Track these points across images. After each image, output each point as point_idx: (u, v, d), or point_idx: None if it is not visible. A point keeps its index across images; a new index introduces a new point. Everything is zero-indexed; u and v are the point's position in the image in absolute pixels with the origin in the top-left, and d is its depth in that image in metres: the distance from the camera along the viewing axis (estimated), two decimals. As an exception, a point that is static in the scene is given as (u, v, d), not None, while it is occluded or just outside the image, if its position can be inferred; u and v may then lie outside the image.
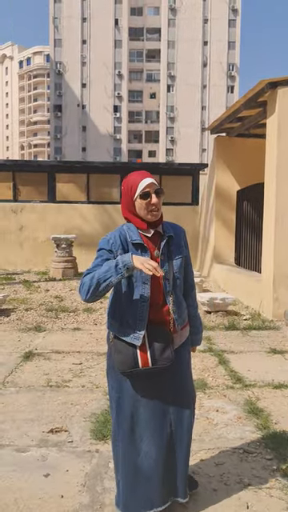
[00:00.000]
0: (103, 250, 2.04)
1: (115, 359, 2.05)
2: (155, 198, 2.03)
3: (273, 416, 3.35)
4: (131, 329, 2.02)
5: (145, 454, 2.08)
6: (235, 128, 8.99)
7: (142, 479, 2.08)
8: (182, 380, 2.16)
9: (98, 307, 7.05)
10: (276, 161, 6.30)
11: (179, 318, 2.11)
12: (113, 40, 58.15)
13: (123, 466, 2.11)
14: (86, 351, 4.94)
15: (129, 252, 2.01)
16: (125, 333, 2.03)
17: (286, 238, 6.32)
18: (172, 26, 57.87)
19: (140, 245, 2.04)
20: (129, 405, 2.08)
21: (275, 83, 6.28)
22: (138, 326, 2.01)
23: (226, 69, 58.37)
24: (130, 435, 2.08)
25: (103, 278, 1.89)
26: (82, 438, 2.99)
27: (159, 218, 2.09)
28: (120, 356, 2.02)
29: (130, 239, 2.04)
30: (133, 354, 2.00)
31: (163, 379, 2.10)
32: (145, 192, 2.02)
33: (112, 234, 2.07)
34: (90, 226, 11.79)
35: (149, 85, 60.23)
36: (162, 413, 2.09)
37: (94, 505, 2.29)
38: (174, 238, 2.14)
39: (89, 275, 1.94)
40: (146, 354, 2.00)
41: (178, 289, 2.14)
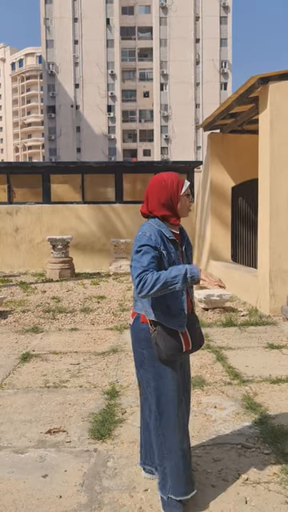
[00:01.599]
0: (148, 247, 2.12)
1: (162, 346, 2.17)
2: (190, 201, 2.31)
3: (270, 411, 3.36)
4: (176, 318, 2.20)
5: (187, 435, 2.29)
6: (228, 124, 8.99)
7: (188, 461, 2.25)
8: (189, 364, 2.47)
9: (96, 307, 7.04)
10: (269, 156, 6.30)
11: (194, 303, 2.39)
12: (105, 39, 58.03)
13: (170, 452, 2.22)
14: (84, 351, 4.93)
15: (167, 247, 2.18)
16: (170, 321, 2.20)
17: (281, 234, 6.32)
18: (163, 24, 57.79)
19: (174, 241, 2.23)
20: (171, 389, 2.22)
21: (266, 78, 6.28)
22: (181, 316, 2.22)
23: (219, 66, 58.34)
24: (174, 419, 2.22)
25: (170, 282, 2.04)
26: (80, 437, 2.99)
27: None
28: (167, 342, 2.17)
29: (167, 235, 2.21)
30: (179, 339, 2.20)
31: (187, 360, 2.42)
32: (189, 192, 2.29)
33: (150, 231, 2.18)
34: (85, 226, 11.78)
35: (142, 84, 60.15)
36: (184, 390, 2.35)
37: (92, 504, 2.29)
38: (186, 234, 2.39)
39: (152, 275, 2.03)
40: (187, 338, 2.23)
41: None
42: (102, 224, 11.82)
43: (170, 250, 2.19)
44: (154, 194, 2.24)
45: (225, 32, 58.17)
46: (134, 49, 59.65)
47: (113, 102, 59.11)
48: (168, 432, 2.22)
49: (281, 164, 6.29)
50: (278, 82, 6.26)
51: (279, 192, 6.30)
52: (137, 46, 59.61)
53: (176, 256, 2.21)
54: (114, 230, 11.78)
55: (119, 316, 6.49)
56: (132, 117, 60.73)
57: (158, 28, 57.85)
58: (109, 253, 11.33)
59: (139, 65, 59.95)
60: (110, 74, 58.50)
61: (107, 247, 11.52)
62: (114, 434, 3.02)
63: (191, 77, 58.08)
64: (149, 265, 2.06)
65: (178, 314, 2.20)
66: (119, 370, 4.30)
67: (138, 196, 12.17)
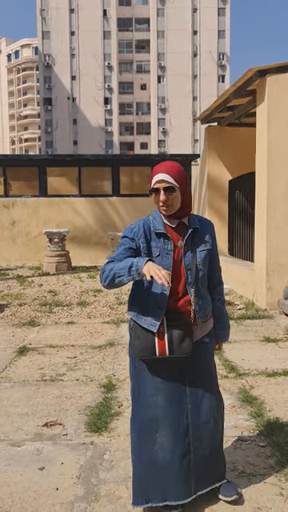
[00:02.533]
0: (126, 238, 2.09)
1: (134, 345, 2.09)
2: (163, 196, 2.03)
3: (266, 404, 3.37)
4: (149, 316, 2.06)
5: (160, 445, 2.09)
6: (226, 117, 8.96)
7: (157, 471, 2.09)
8: (200, 373, 2.15)
9: (92, 301, 7.04)
10: (266, 150, 6.29)
11: (201, 310, 2.12)
12: (101, 31, 57.59)
13: (136, 456, 2.14)
14: (81, 345, 4.94)
15: (152, 241, 2.07)
16: (143, 319, 2.08)
17: (278, 227, 6.33)
18: (161, 15, 57.38)
19: (163, 234, 2.08)
20: (146, 394, 2.11)
21: (264, 71, 6.25)
22: (156, 314, 2.05)
23: (217, 58, 58.06)
24: (146, 425, 2.11)
25: (118, 274, 1.95)
26: (77, 430, 3.00)
27: (183, 209, 2.10)
28: (139, 342, 2.06)
29: (154, 228, 2.09)
30: (151, 341, 2.03)
31: (181, 370, 2.11)
32: (154, 188, 2.05)
33: (137, 223, 2.12)
34: (82, 219, 11.75)
35: (139, 76, 59.81)
36: (179, 403, 2.10)
37: (88, 496, 2.30)
38: (199, 230, 2.15)
39: (109, 265, 2.00)
40: (163, 342, 2.02)
41: (200, 281, 2.14)
42: (99, 217, 11.79)
43: (156, 243, 2.06)
44: None
45: (223, 24, 57.82)
46: (131, 40, 59.24)
47: (110, 95, 58.79)
48: (138, 436, 2.15)
49: (278, 157, 6.27)
50: (276, 75, 6.23)
51: (276, 185, 6.29)
52: (134, 37, 59.20)
53: (165, 251, 2.06)
54: (110, 223, 11.75)
55: (116, 309, 6.50)
56: (129, 109, 60.43)
57: (156, 19, 57.44)
58: (106, 246, 11.32)
59: (136, 57, 59.58)
60: (106, 65, 58.13)
61: (104, 240, 11.51)
62: (110, 426, 3.03)
63: (189, 69, 57.80)
64: (117, 255, 2.03)
65: (153, 311, 2.05)
66: (116, 364, 4.31)
67: (134, 189, 12.14)
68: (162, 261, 2.05)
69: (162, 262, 2.05)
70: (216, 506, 2.21)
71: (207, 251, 2.15)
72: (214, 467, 2.20)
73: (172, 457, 2.08)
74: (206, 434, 2.15)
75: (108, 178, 12.17)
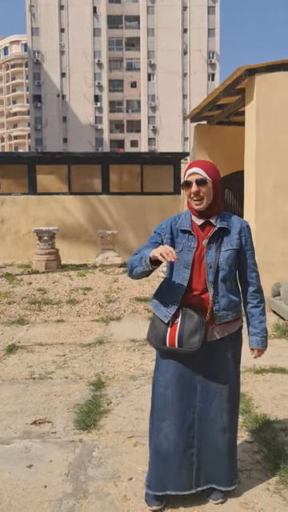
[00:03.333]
0: (155, 234, 2.23)
1: (150, 334, 2.19)
2: (195, 187, 2.09)
3: (254, 400, 3.41)
4: (165, 307, 2.15)
5: (165, 435, 2.15)
6: (215, 116, 8.99)
7: (160, 460, 2.17)
8: (214, 373, 2.15)
9: (82, 299, 7.04)
10: (255, 148, 6.33)
11: (221, 309, 2.12)
12: (91, 28, 57.34)
13: (150, 445, 2.23)
14: (70, 343, 4.94)
15: (178, 237, 2.16)
16: (159, 310, 2.18)
17: (267, 225, 6.37)
18: (151, 13, 57.28)
19: (188, 231, 2.15)
20: (159, 384, 2.18)
21: (253, 70, 6.28)
22: (170, 306, 2.13)
23: (206, 56, 58.15)
24: (157, 414, 2.19)
25: (134, 265, 2.09)
26: (66, 428, 3.01)
27: (212, 207, 2.13)
28: (154, 332, 2.16)
29: (179, 226, 2.17)
30: (164, 331, 2.12)
31: (194, 367, 2.14)
32: (186, 181, 2.12)
33: (167, 220, 2.23)
34: (72, 217, 11.71)
35: (129, 74, 59.69)
36: (189, 398, 2.14)
37: (77, 493, 2.31)
38: (227, 230, 2.15)
39: (132, 257, 2.14)
40: (174, 334, 2.08)
41: (223, 280, 2.12)
42: (89, 215, 11.76)
43: (181, 239, 2.14)
44: None
45: (212, 22, 57.92)
46: (121, 38, 59.08)
47: (100, 92, 58.60)
48: (152, 422, 2.23)
49: (266, 156, 6.32)
50: (265, 74, 6.26)
51: (265, 184, 6.34)
52: (124, 35, 59.04)
53: (187, 247, 2.12)
54: (100, 221, 11.73)
55: (105, 307, 6.50)
56: (119, 107, 60.31)
57: (146, 17, 57.33)
58: (95, 244, 11.29)
59: (126, 54, 59.44)
60: (96, 63, 57.92)
61: (94, 238, 11.48)
62: (99, 424, 3.05)
63: (179, 67, 57.81)
64: (142, 248, 2.14)
65: (169, 303, 2.14)
66: (105, 361, 4.32)
67: (124, 187, 12.13)
68: (184, 256, 2.12)
69: (184, 257, 2.13)
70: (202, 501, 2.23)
71: (233, 251, 2.14)
72: (217, 468, 2.19)
73: (175, 448, 2.14)
74: (211, 433, 2.16)
75: (98, 176, 12.13)
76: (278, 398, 3.47)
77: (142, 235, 11.66)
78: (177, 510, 2.17)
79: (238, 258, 2.18)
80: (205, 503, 2.22)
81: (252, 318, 2.26)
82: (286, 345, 4.84)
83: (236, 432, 2.28)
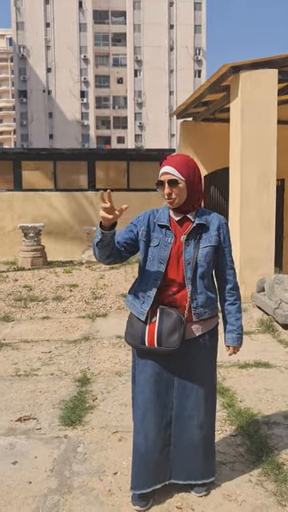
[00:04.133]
0: (131, 224, 2.21)
1: (126, 331, 2.15)
2: (167, 189, 2.06)
3: (238, 394, 3.45)
4: (139, 303, 2.11)
5: (145, 433, 2.13)
6: (201, 113, 9.01)
7: (139, 458, 2.15)
8: (191, 369, 2.15)
9: (68, 295, 7.02)
10: (240, 145, 6.37)
11: (199, 306, 2.10)
12: (77, 23, 56.86)
13: (133, 443, 2.20)
14: (56, 339, 4.93)
15: (155, 231, 2.13)
16: (134, 306, 2.14)
17: (251, 221, 6.43)
18: (137, 8, 57.02)
19: (165, 226, 2.13)
20: (139, 382, 2.16)
21: (238, 67, 6.31)
22: (145, 303, 2.09)
23: (193, 53, 58.13)
24: (137, 413, 2.17)
25: (94, 240, 2.07)
26: (51, 424, 3.01)
27: (188, 203, 2.10)
28: (130, 329, 2.12)
29: (157, 220, 2.15)
30: (142, 330, 2.08)
31: (171, 364, 2.12)
32: (159, 181, 2.10)
33: (145, 213, 2.21)
34: (58, 214, 11.66)
35: (115, 69, 59.41)
36: (165, 396, 2.14)
37: (61, 488, 2.32)
38: (206, 226, 2.13)
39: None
40: (153, 332, 2.05)
41: (201, 277, 2.11)
42: (75, 212, 11.72)
43: (158, 234, 2.11)
44: None
45: (199, 19, 57.88)
46: (108, 33, 58.73)
47: (86, 88, 58.22)
48: (135, 421, 2.22)
49: (251, 153, 6.36)
50: (250, 71, 6.30)
51: (250, 181, 6.39)
52: (110, 30, 58.70)
53: (164, 243, 2.09)
54: (87, 217, 11.70)
55: (91, 304, 6.50)
56: (105, 103, 60.01)
57: (132, 12, 57.06)
58: (82, 241, 11.27)
59: (113, 50, 59.13)
60: (82, 58, 57.48)
61: (80, 235, 11.45)
62: (84, 420, 3.06)
63: (165, 63, 57.71)
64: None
65: (143, 299, 2.10)
66: (91, 358, 4.32)
67: (111, 184, 12.11)
68: (160, 252, 2.09)
69: (160, 252, 2.09)
70: (186, 494, 2.26)
71: (211, 248, 2.12)
72: (194, 463, 2.20)
73: (153, 445, 2.13)
74: (188, 429, 2.16)
75: (84, 173, 12.10)
76: (262, 392, 3.52)
77: (128, 232, 11.66)
78: (162, 505, 2.20)
79: (215, 254, 2.17)
80: (189, 497, 2.24)
81: (229, 316, 2.26)
82: (270, 340, 4.90)
83: (214, 427, 2.29)
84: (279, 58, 6.25)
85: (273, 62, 6.27)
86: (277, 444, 2.73)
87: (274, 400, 3.36)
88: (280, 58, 6.24)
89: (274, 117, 6.37)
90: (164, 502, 2.20)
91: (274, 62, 6.27)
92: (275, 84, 6.33)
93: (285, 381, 3.73)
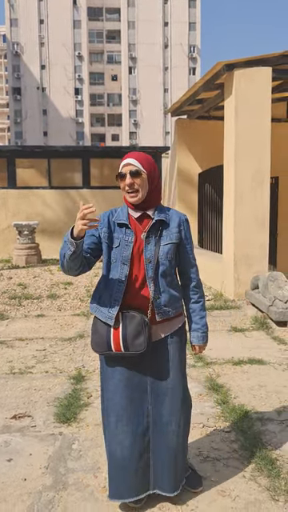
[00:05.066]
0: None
1: (91, 339, 2.07)
2: (129, 179, 1.98)
3: (232, 391, 3.48)
4: (106, 308, 2.03)
5: (119, 441, 2.05)
6: (195, 110, 9.02)
7: (117, 467, 2.07)
8: (162, 373, 2.09)
9: (63, 293, 7.02)
10: (234, 143, 6.39)
11: (162, 305, 2.04)
12: (71, 20, 56.65)
13: (107, 453, 2.13)
14: (50, 337, 4.94)
15: (115, 232, 2.05)
16: (100, 312, 2.06)
17: (246, 219, 6.45)
18: (131, 5, 56.89)
19: (124, 224, 2.05)
20: (108, 388, 2.08)
21: (232, 65, 6.32)
22: (112, 306, 2.01)
23: (187, 50, 58.10)
24: (109, 420, 2.08)
25: (62, 253, 1.95)
26: (46, 422, 3.02)
27: (140, 200, 2.02)
28: (95, 336, 2.04)
29: (115, 219, 2.07)
30: (107, 336, 2.01)
31: (142, 369, 2.06)
32: (119, 173, 2.01)
33: (104, 213, 2.12)
34: (52, 211, 11.64)
35: (110, 67, 59.26)
36: (140, 401, 2.07)
37: (56, 485, 2.33)
38: (166, 223, 2.07)
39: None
40: (118, 337, 1.98)
41: (163, 275, 2.05)
42: (70, 209, 11.71)
43: (118, 234, 2.03)
44: None
45: (193, 16, 57.85)
46: (102, 30, 58.56)
47: (80, 85, 58.06)
48: (105, 429, 2.14)
49: (245, 150, 6.38)
50: (244, 69, 6.31)
51: (244, 178, 6.41)
52: (104, 27, 58.53)
53: (125, 242, 2.01)
54: (81, 215, 11.68)
55: (86, 302, 6.50)
56: (100, 100, 59.87)
57: (126, 9, 56.93)
58: (76, 238, 11.26)
59: (107, 47, 58.97)
60: (77, 55, 57.31)
61: (75, 233, 11.44)
62: (79, 417, 3.06)
63: (160, 61, 57.66)
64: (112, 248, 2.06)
65: (109, 303, 2.02)
66: (85, 355, 4.33)
67: (105, 181, 12.10)
68: (122, 252, 2.01)
69: (122, 252, 2.01)
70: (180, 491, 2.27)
71: (172, 245, 2.06)
72: (174, 468, 2.11)
73: (130, 454, 2.05)
74: (165, 435, 2.09)
75: (78, 170, 12.08)
76: (256, 388, 3.54)
77: (123, 229, 11.66)
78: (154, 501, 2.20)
79: (177, 252, 2.11)
80: (183, 492, 2.25)
81: (193, 314, 2.21)
82: (263, 337, 4.93)
83: (188, 433, 2.21)
84: (273, 56, 6.27)
85: (267, 59, 6.29)
86: (270, 440, 2.75)
87: (268, 396, 3.39)
88: (274, 55, 6.26)
89: (268, 115, 6.39)
90: (158, 496, 2.21)
91: (268, 59, 6.29)
92: (269, 82, 6.35)
93: (278, 377, 3.76)
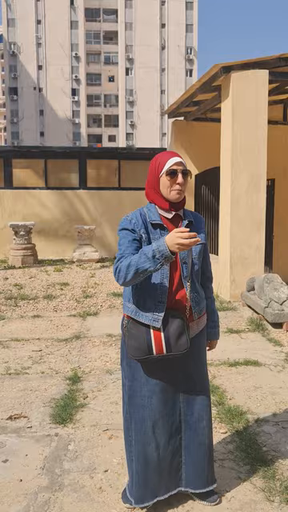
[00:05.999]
0: (126, 231, 2.00)
1: (128, 345, 2.00)
2: (181, 178, 1.98)
3: (228, 392, 3.49)
4: (150, 311, 1.97)
5: (157, 444, 2.06)
6: (192, 112, 9.04)
7: (152, 469, 2.06)
8: (196, 370, 2.12)
9: (59, 294, 7.01)
10: (231, 145, 6.41)
11: (196, 305, 2.07)
12: (69, 20, 56.62)
13: (137, 457, 2.08)
14: (46, 338, 4.93)
15: (151, 232, 2.00)
16: (142, 315, 1.99)
17: (242, 221, 6.48)
18: (129, 7, 56.93)
19: (159, 225, 2.01)
20: (142, 394, 2.04)
21: (229, 68, 6.34)
22: (157, 309, 1.97)
23: (184, 52, 58.21)
24: (142, 425, 2.06)
25: (142, 268, 1.84)
26: (42, 422, 3.02)
27: (182, 200, 2.05)
28: (134, 342, 1.97)
29: (150, 219, 2.01)
30: (147, 340, 1.96)
31: (176, 367, 2.07)
32: (172, 170, 1.98)
33: (133, 214, 2.04)
34: (48, 212, 11.63)
35: (107, 68, 59.26)
36: (173, 401, 2.08)
37: (52, 486, 2.33)
38: (193, 224, 2.10)
39: (124, 262, 1.89)
40: (160, 340, 1.95)
41: (195, 276, 2.10)
42: (66, 210, 11.70)
43: (153, 235, 1.99)
44: (147, 176, 2.08)
45: (190, 18, 57.97)
46: (99, 31, 58.56)
47: (77, 86, 58.01)
48: (136, 436, 2.08)
49: (242, 153, 6.41)
50: (241, 72, 6.34)
51: (240, 180, 6.43)
52: (102, 28, 58.53)
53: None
54: (77, 216, 11.68)
55: (82, 303, 6.50)
56: (97, 101, 59.84)
57: (124, 11, 56.98)
58: (73, 239, 11.25)
59: (104, 48, 58.97)
60: (74, 56, 57.27)
61: (71, 234, 11.43)
62: (75, 418, 3.07)
63: (157, 62, 57.71)
64: (126, 250, 1.95)
65: (154, 306, 1.98)
66: (81, 356, 4.33)
67: (102, 182, 12.10)
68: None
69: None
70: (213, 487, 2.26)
71: (202, 245, 2.12)
72: (207, 464, 2.15)
73: (164, 454, 2.08)
74: (199, 432, 2.12)
75: (75, 171, 12.07)
76: (251, 389, 3.55)
77: (119, 230, 11.66)
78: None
79: (203, 251, 2.16)
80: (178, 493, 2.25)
81: (212, 313, 2.28)
82: (259, 338, 4.95)
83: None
84: (270, 59, 6.30)
85: (263, 62, 6.32)
86: (266, 441, 2.77)
87: (264, 398, 3.40)
88: (271, 58, 6.29)
89: (265, 117, 6.42)
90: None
91: (264, 62, 6.32)
92: (266, 84, 6.38)
93: (274, 379, 3.78)
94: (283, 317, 5.21)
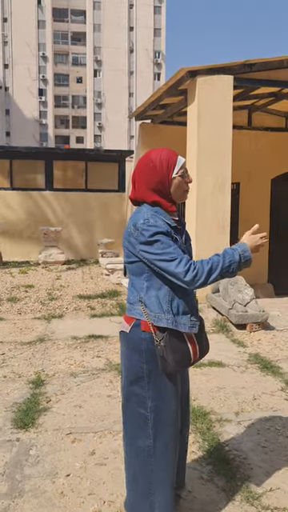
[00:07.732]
0: (163, 235, 1.81)
1: (170, 359, 1.81)
2: (191, 177, 1.94)
3: (191, 393, 3.49)
4: (187, 317, 1.87)
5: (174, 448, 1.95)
6: (159, 115, 9.10)
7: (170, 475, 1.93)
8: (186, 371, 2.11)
9: (23, 296, 6.89)
10: (196, 148, 6.48)
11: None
12: (36, 20, 55.91)
13: (162, 483, 1.88)
14: (9, 341, 4.83)
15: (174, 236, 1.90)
16: (180, 324, 1.85)
17: (207, 224, 6.55)
18: (97, 8, 56.80)
19: (176, 228, 1.91)
20: (171, 409, 1.90)
21: (195, 72, 6.42)
22: (193, 313, 1.90)
23: (152, 56, 58.58)
24: (170, 445, 1.90)
25: (226, 270, 1.81)
26: (3, 428, 2.95)
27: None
28: (177, 356, 1.82)
29: (169, 222, 1.88)
30: (187, 348, 1.86)
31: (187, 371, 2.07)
32: (186, 171, 1.91)
33: (153, 217, 1.83)
34: (14, 213, 11.42)
35: (75, 69, 58.87)
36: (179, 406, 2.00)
37: (12, 492, 2.28)
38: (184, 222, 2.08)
39: (201, 264, 1.79)
40: (195, 346, 1.89)
41: None
42: (32, 211, 11.53)
43: (178, 238, 1.90)
44: (142, 177, 1.89)
45: (158, 22, 58.42)
46: (67, 32, 58.14)
47: (44, 86, 57.33)
48: (163, 459, 1.89)
49: (207, 156, 6.49)
50: (206, 76, 6.42)
51: (205, 183, 6.51)
52: (70, 29, 58.14)
53: (182, 244, 1.93)
54: (43, 217, 11.53)
55: (47, 305, 6.41)
56: (64, 102, 59.33)
57: (92, 12, 56.80)
58: (38, 241, 11.09)
59: (72, 49, 58.58)
60: (41, 56, 56.58)
61: (37, 235, 11.26)
62: (37, 422, 3.01)
63: (125, 65, 57.81)
64: (177, 251, 1.80)
65: (189, 312, 1.88)
66: (45, 359, 4.26)
67: (68, 184, 12.00)
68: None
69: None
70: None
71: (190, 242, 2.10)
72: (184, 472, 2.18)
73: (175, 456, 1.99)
74: (184, 429, 2.12)
75: (41, 172, 11.92)
76: (215, 390, 3.59)
77: (85, 232, 11.60)
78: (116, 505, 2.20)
79: None
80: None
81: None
82: (223, 339, 5.01)
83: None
84: (235, 65, 6.41)
85: (229, 68, 6.43)
86: (228, 441, 2.80)
87: (227, 398, 3.44)
88: (236, 64, 6.40)
89: (230, 122, 6.53)
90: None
91: (229, 68, 6.43)
92: (231, 90, 6.50)
93: (237, 379, 3.83)
94: (247, 318, 5.30)
